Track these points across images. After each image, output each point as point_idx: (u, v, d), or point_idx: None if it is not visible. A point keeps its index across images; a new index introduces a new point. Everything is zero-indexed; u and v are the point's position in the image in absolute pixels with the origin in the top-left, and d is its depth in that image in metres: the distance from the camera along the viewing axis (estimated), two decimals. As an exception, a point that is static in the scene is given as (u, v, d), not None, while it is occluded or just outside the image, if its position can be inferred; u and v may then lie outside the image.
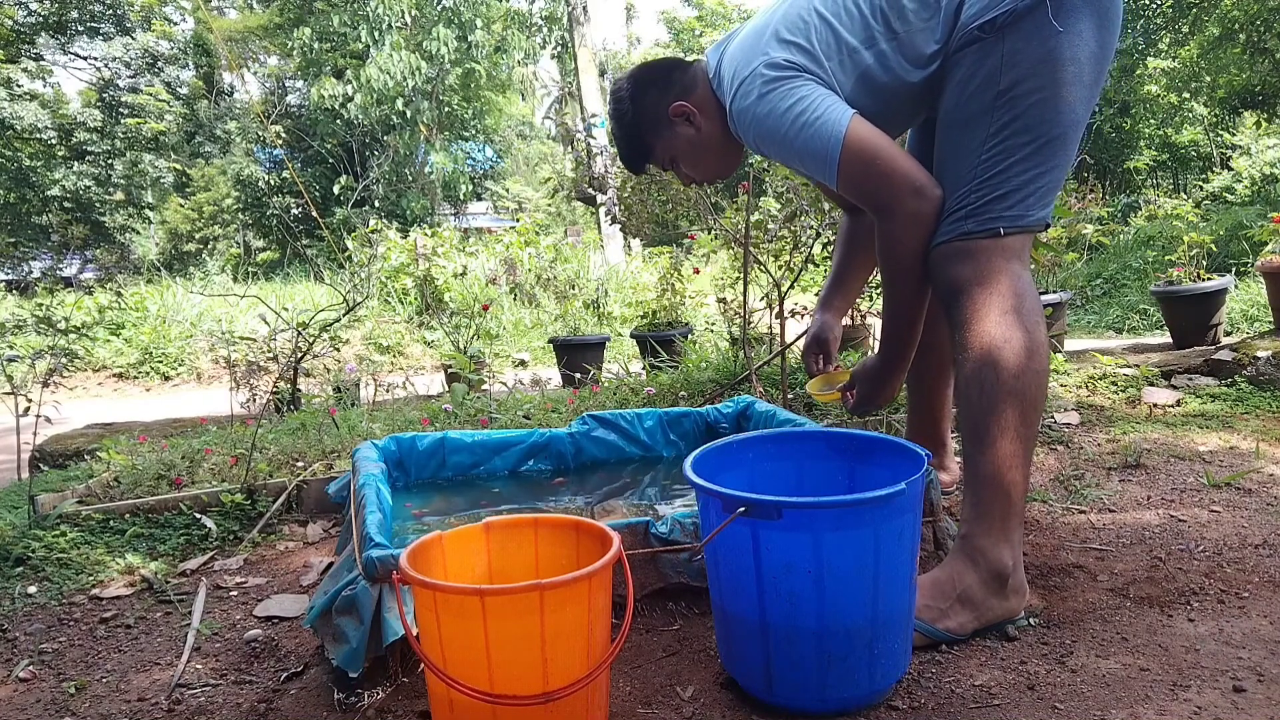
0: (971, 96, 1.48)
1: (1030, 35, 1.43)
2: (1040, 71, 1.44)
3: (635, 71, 1.83)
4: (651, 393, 3.23)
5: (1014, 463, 1.43)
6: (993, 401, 1.43)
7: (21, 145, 15.30)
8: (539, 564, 1.32)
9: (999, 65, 1.45)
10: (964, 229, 1.48)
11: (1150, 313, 6.73)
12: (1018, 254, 1.49)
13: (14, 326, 3.08)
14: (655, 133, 1.79)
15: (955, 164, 1.51)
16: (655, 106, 1.76)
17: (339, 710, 1.34)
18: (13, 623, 1.76)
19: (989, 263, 1.47)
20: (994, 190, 1.47)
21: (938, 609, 1.42)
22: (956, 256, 1.49)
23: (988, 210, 1.47)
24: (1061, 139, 1.48)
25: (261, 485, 2.40)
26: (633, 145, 1.83)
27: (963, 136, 1.50)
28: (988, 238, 1.47)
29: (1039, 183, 1.48)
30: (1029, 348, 1.44)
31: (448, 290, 7.97)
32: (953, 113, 1.52)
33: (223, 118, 18.56)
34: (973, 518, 1.46)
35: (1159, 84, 12.29)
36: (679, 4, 19.83)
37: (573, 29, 13.07)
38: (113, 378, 7.95)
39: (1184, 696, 1.23)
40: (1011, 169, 1.46)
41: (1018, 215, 1.47)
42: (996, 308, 1.45)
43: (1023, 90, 1.44)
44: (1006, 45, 1.44)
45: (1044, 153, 1.47)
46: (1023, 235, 1.49)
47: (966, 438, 1.49)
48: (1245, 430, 2.67)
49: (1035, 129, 1.45)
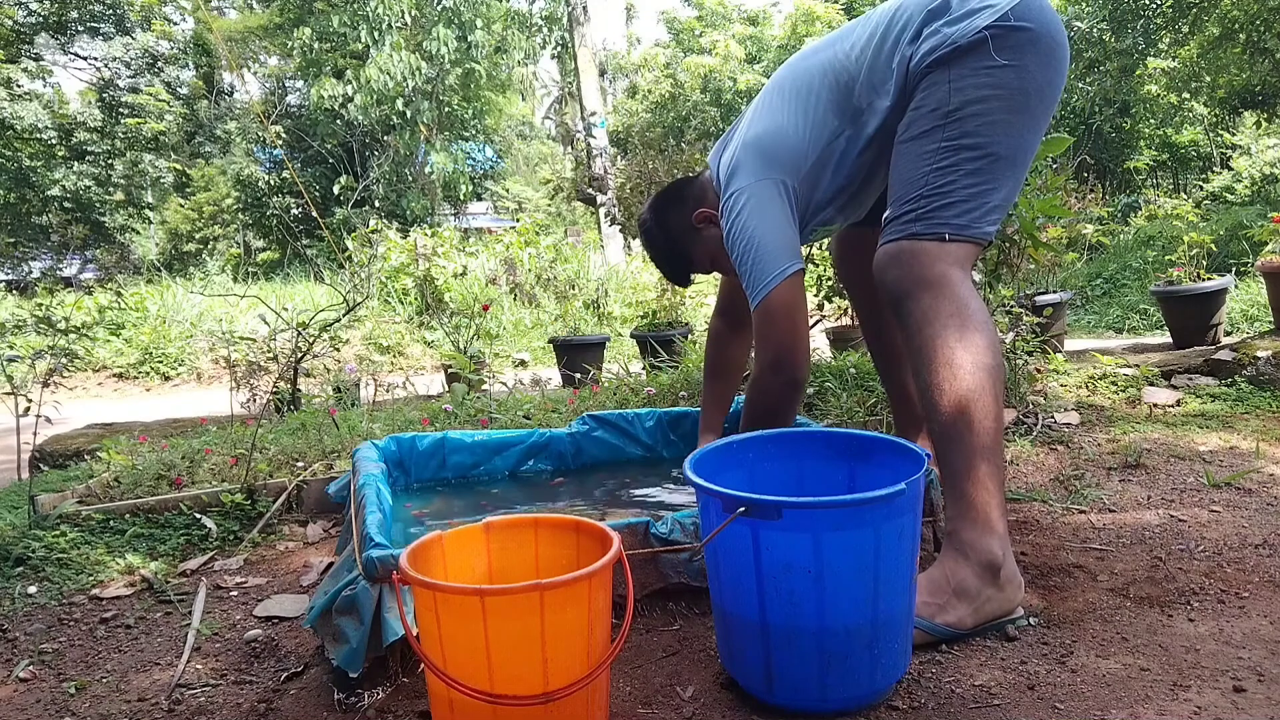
0: (923, 116, 1.58)
1: (975, 66, 1.54)
2: (986, 97, 1.54)
3: (651, 203, 2.04)
4: (651, 393, 3.23)
5: (984, 454, 1.46)
6: (953, 399, 1.47)
7: (21, 145, 15.29)
8: (539, 564, 1.32)
9: (947, 91, 1.56)
10: (912, 230, 1.55)
11: (1150, 313, 6.73)
12: (961, 263, 1.55)
13: (14, 326, 3.09)
14: (688, 244, 1.99)
15: (906, 171, 1.59)
16: (680, 222, 1.97)
17: (339, 710, 1.34)
18: (13, 623, 1.76)
19: (933, 266, 1.53)
20: (942, 199, 1.54)
21: (935, 604, 1.43)
22: (902, 257, 1.56)
23: (935, 216, 1.54)
24: (1009, 160, 1.56)
25: (261, 485, 2.40)
26: (673, 262, 2.06)
27: (913, 148, 1.59)
28: (933, 240, 1.54)
29: (985, 198, 1.55)
30: (985, 345, 1.49)
31: (448, 290, 7.96)
32: (906, 130, 1.62)
33: (223, 118, 18.55)
34: (956, 515, 1.49)
35: (1159, 84, 12.28)
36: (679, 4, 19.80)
37: (573, 29, 13.08)
38: (113, 378, 7.95)
39: (1184, 696, 1.24)
40: (959, 180, 1.55)
41: (963, 225, 1.54)
42: (945, 310, 1.50)
43: (970, 111, 1.54)
44: (952, 73, 1.56)
45: (991, 170, 1.54)
46: (966, 245, 1.56)
47: (936, 438, 1.52)
48: (1245, 430, 2.67)
49: (983, 146, 1.54)
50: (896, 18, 1.66)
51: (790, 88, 1.79)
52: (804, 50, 1.87)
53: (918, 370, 1.53)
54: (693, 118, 15.40)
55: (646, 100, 16.63)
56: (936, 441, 1.52)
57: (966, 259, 1.57)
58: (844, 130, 1.73)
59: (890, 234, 1.59)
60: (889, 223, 1.61)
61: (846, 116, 1.73)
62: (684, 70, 16.25)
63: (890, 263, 1.58)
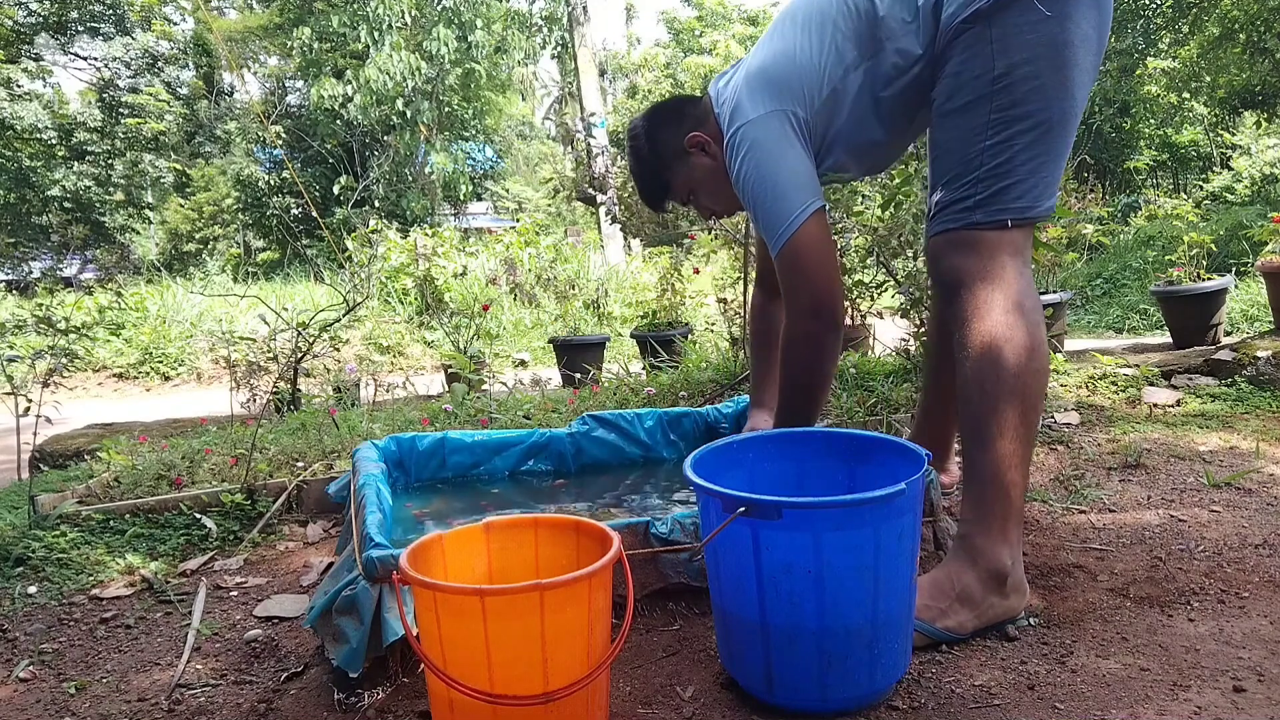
0: (967, 84, 1.47)
1: (1019, 21, 1.42)
2: (1036, 56, 1.42)
3: (649, 111, 1.90)
4: (651, 393, 3.23)
5: (1013, 462, 1.43)
6: (993, 401, 1.43)
7: (21, 145, 15.29)
8: (539, 564, 1.32)
9: (991, 52, 1.44)
10: (971, 219, 1.48)
11: (1150, 313, 6.73)
12: (1020, 249, 1.49)
13: (14, 326, 3.08)
14: (673, 166, 1.84)
15: (958, 151, 1.50)
16: (671, 140, 1.82)
17: (339, 710, 1.34)
18: (13, 623, 1.76)
19: (993, 258, 1.46)
20: (1001, 180, 1.46)
21: (937, 608, 1.42)
22: (961, 247, 1.49)
23: (995, 201, 1.46)
24: (1062, 125, 1.47)
25: (261, 485, 2.40)
26: (652, 181, 1.90)
27: (962, 123, 1.49)
28: (994, 229, 1.47)
29: (1043, 172, 1.47)
30: (1030, 347, 1.43)
31: (448, 290, 7.96)
32: (949, 102, 1.51)
33: (223, 118, 18.55)
34: (971, 517, 1.46)
35: (1159, 84, 12.28)
36: (679, 4, 19.80)
37: (573, 29, 13.07)
38: (113, 378, 7.95)
39: (1184, 696, 1.24)
40: (1016, 158, 1.45)
41: (1025, 206, 1.47)
42: (999, 305, 1.44)
43: (1019, 75, 1.43)
44: (995, 31, 1.43)
45: (1046, 140, 1.46)
46: (1026, 228, 1.49)
47: (966, 436, 1.49)
48: (1245, 430, 2.67)
49: (1036, 115, 1.44)
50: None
51: (803, 15, 1.65)
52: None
53: (960, 361, 1.48)
54: (693, 118, 15.35)
55: (646, 100, 16.64)
56: (965, 437, 1.49)
57: (1026, 242, 1.50)
58: (862, 63, 1.59)
59: (947, 220, 1.51)
60: (944, 207, 1.52)
61: (866, 48, 1.58)
62: (684, 70, 16.26)
63: (947, 250, 1.50)
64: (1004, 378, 1.43)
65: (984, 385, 1.44)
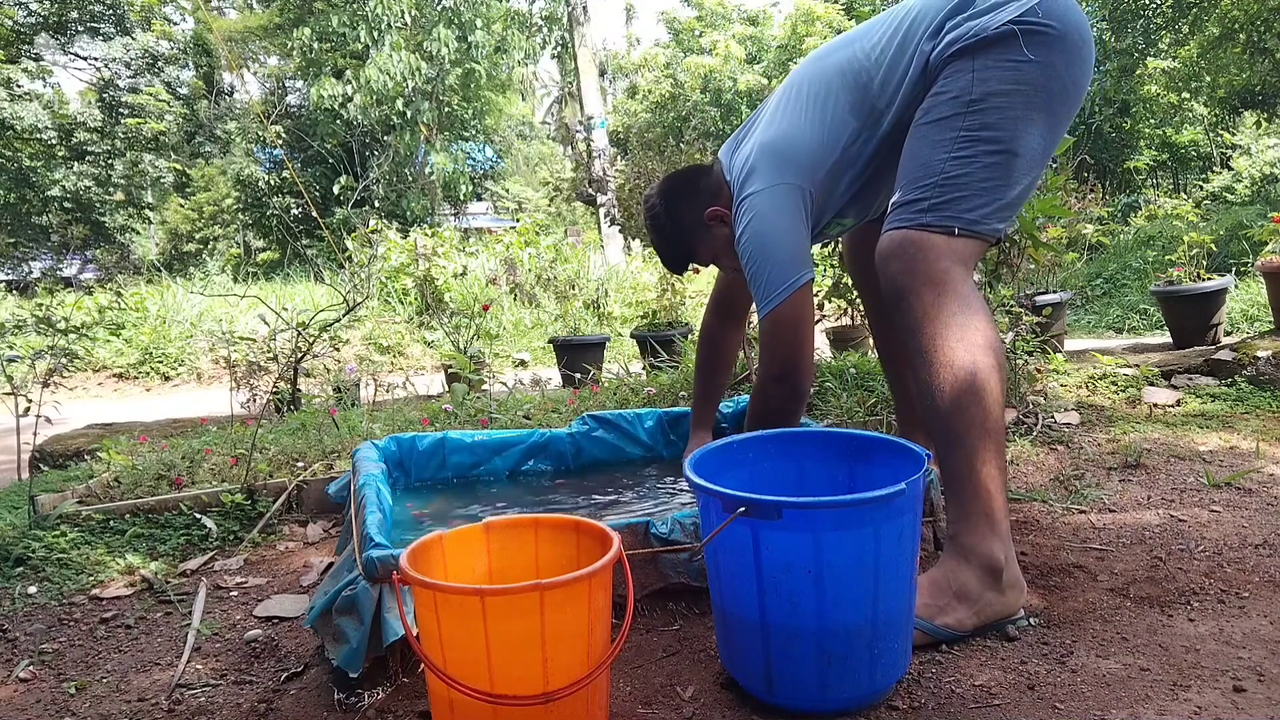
0: (943, 102, 1.55)
1: (1000, 58, 1.51)
2: (1010, 91, 1.51)
3: (663, 186, 1.99)
4: (652, 393, 3.23)
5: (985, 457, 1.45)
6: (955, 402, 1.45)
7: (21, 145, 15.29)
8: (539, 564, 1.32)
9: (970, 80, 1.53)
10: (923, 220, 1.53)
11: (1150, 313, 6.73)
12: (965, 260, 1.53)
13: (14, 326, 3.09)
14: (694, 239, 1.95)
15: (922, 155, 1.56)
16: (690, 215, 1.93)
17: (339, 710, 1.34)
18: (13, 623, 1.76)
19: (938, 262, 1.50)
20: (957, 190, 1.52)
21: (936, 606, 1.43)
22: (908, 249, 1.53)
23: (948, 208, 1.52)
24: (1027, 159, 1.54)
25: (261, 485, 2.40)
26: (675, 251, 2.01)
27: (931, 134, 1.56)
28: (941, 234, 1.51)
29: (999, 194, 1.53)
30: (982, 345, 1.47)
31: (448, 290, 7.96)
32: (924, 116, 1.59)
33: (223, 118, 18.54)
34: (957, 517, 1.48)
35: (1159, 84, 12.28)
36: (679, 4, 19.77)
37: (573, 29, 13.07)
38: (113, 378, 7.95)
39: (1184, 696, 1.24)
40: (975, 174, 1.51)
41: (974, 220, 1.52)
42: (946, 309, 1.48)
43: (993, 104, 1.51)
44: (977, 63, 1.52)
45: (1008, 166, 1.52)
46: (974, 241, 1.54)
47: (937, 441, 1.51)
48: (1245, 430, 2.67)
49: (1002, 140, 1.51)
50: (920, 15, 1.63)
51: (808, 90, 1.76)
52: (822, 48, 1.84)
53: (917, 370, 1.52)
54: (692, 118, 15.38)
55: (646, 100, 16.62)
56: (936, 443, 1.51)
57: (972, 256, 1.55)
58: (862, 133, 1.71)
59: (898, 220, 1.56)
60: (898, 207, 1.57)
61: (865, 117, 1.70)
62: (684, 70, 16.23)
63: (895, 252, 1.54)
64: (961, 378, 1.45)
65: (943, 389, 1.46)
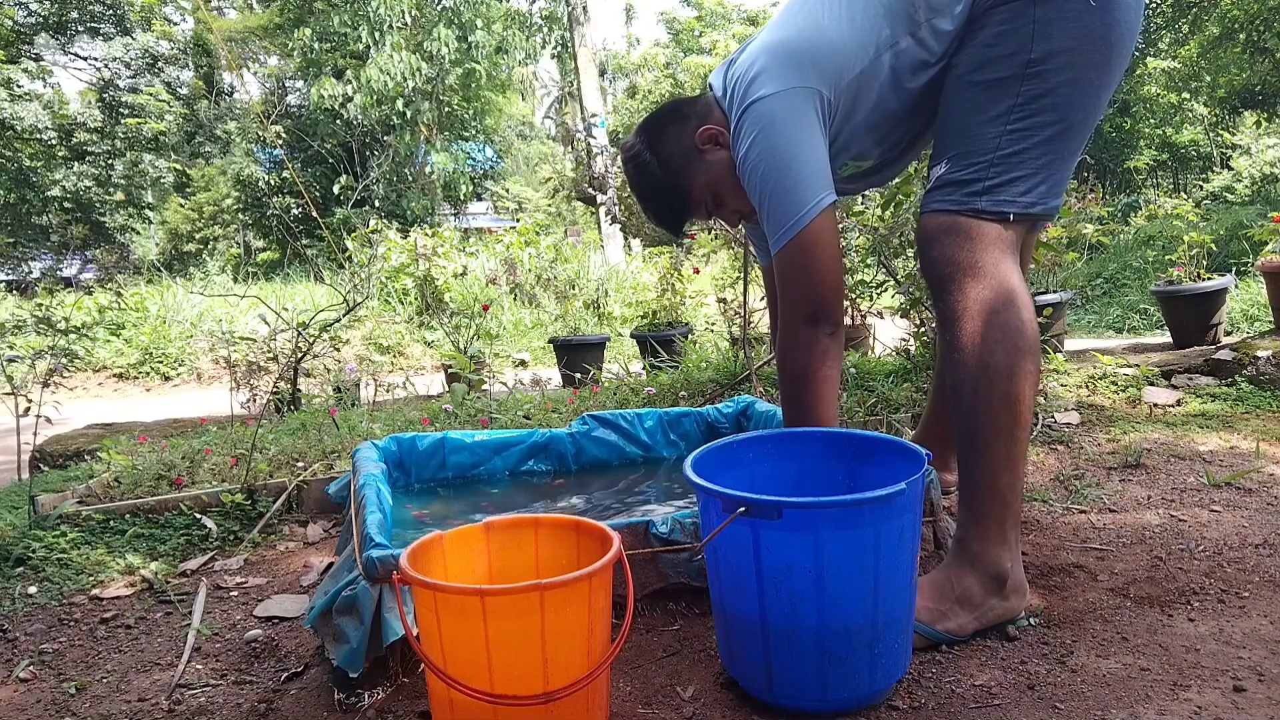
0: (999, 59, 1.40)
1: (1065, 6, 1.36)
2: (1075, 48, 1.37)
3: (644, 123, 1.70)
4: (651, 393, 3.23)
5: (1008, 465, 1.42)
6: (986, 403, 1.41)
7: (22, 145, 15.28)
8: (539, 564, 1.32)
9: (1032, 33, 1.37)
10: (975, 205, 1.41)
11: (1150, 312, 6.73)
12: (1013, 247, 1.44)
13: (14, 326, 3.08)
14: (687, 171, 1.63)
15: (975, 128, 1.43)
16: (680, 144, 1.63)
17: (339, 710, 1.34)
18: (13, 623, 1.76)
19: (986, 252, 1.41)
20: (1013, 170, 1.40)
21: (937, 611, 1.42)
22: (956, 235, 1.42)
23: (1004, 191, 1.40)
24: (1082, 125, 1.43)
25: (262, 485, 2.40)
26: (667, 195, 1.67)
27: (985, 99, 1.42)
28: (994, 220, 1.41)
29: (1054, 170, 1.43)
30: (1022, 348, 1.41)
31: (448, 290, 7.95)
32: (976, 72, 1.43)
33: (223, 118, 18.53)
34: (968, 521, 1.46)
35: (1159, 84, 12.29)
36: (679, 4, 19.78)
37: (573, 29, 13.07)
38: (113, 378, 7.95)
39: (1184, 696, 1.23)
40: (1032, 150, 1.40)
41: (1031, 202, 1.42)
42: (990, 305, 1.40)
43: (1054, 65, 1.37)
44: (1040, 12, 1.37)
45: (1064, 139, 1.42)
46: (1025, 225, 1.46)
47: (959, 438, 1.47)
48: (1245, 430, 2.67)
49: (1061, 109, 1.39)
50: None
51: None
52: None
53: (952, 363, 1.44)
54: (692, 118, 15.35)
55: (646, 100, 16.64)
56: (960, 442, 1.46)
57: (1018, 242, 1.45)
58: (897, 41, 1.46)
59: (946, 201, 1.43)
60: (948, 184, 1.43)
61: (902, 26, 1.45)
62: (684, 70, 16.24)
63: (941, 236, 1.42)
64: (996, 380, 1.40)
65: (976, 387, 1.41)
